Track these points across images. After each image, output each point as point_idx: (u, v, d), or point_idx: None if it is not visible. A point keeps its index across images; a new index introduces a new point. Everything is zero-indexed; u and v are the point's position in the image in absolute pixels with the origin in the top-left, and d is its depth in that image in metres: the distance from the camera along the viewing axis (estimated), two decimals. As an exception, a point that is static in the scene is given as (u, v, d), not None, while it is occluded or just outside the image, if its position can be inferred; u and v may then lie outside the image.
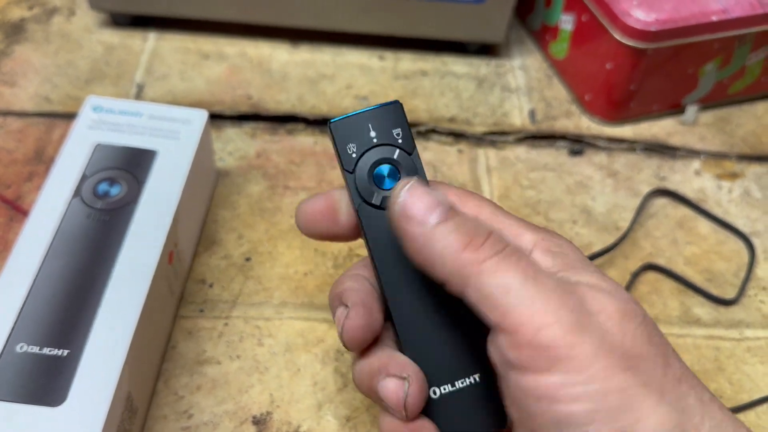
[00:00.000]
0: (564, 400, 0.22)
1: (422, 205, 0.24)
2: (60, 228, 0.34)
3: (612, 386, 0.22)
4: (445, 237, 0.24)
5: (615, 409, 0.22)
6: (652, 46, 0.46)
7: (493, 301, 0.23)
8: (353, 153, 0.27)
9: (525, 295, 0.23)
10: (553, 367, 0.22)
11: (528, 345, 0.22)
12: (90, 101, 0.40)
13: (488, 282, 0.23)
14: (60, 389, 0.29)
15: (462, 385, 0.26)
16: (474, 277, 0.23)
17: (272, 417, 0.35)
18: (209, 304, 0.39)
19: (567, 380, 0.22)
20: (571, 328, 0.22)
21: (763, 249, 0.44)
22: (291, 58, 0.53)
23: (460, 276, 0.24)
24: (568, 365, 0.22)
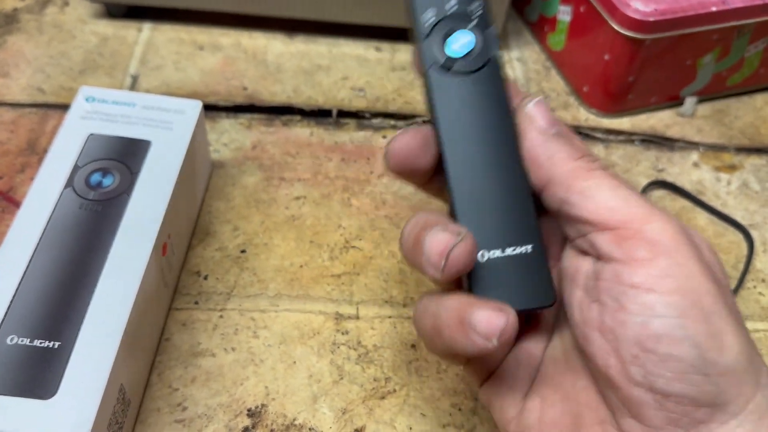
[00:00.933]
0: (662, 290, 0.22)
1: (548, 117, 0.26)
2: (52, 219, 0.34)
3: (705, 289, 0.23)
4: (562, 144, 0.25)
5: (707, 311, 0.22)
6: (650, 37, 0.45)
7: (601, 201, 0.24)
8: (430, 19, 0.27)
9: (633, 199, 0.24)
10: (655, 259, 0.23)
11: (635, 237, 0.23)
12: (83, 91, 0.39)
13: (598, 184, 0.24)
14: (51, 382, 0.29)
15: (512, 253, 0.26)
16: (584, 179, 0.24)
17: (267, 409, 0.34)
18: (204, 296, 0.38)
19: (667, 272, 0.23)
20: (674, 229, 0.23)
21: (761, 241, 0.44)
22: (286, 49, 0.52)
23: (570, 177, 0.25)
24: (669, 259, 0.23)
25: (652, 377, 0.22)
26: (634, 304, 0.23)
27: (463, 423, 0.35)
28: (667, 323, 0.22)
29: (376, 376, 0.36)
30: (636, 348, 0.23)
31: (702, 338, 0.22)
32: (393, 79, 0.51)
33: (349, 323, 0.38)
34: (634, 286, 0.23)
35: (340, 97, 0.49)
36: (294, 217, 0.42)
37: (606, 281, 0.24)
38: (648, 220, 0.23)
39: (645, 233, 0.23)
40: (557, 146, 0.25)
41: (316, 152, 0.46)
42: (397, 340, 0.37)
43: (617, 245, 0.23)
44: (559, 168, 0.25)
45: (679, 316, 0.22)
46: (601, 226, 0.24)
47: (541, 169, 0.25)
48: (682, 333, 0.22)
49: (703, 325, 0.22)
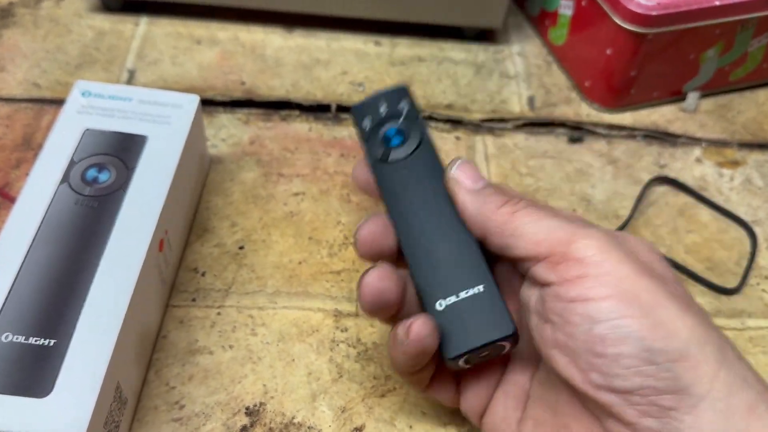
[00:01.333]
0: (597, 298, 0.24)
1: (471, 175, 0.30)
2: (47, 215, 0.33)
3: (641, 287, 0.24)
4: (488, 196, 0.29)
5: (646, 306, 0.24)
6: (653, 31, 0.45)
7: (528, 237, 0.27)
8: (367, 125, 0.33)
9: (555, 225, 0.27)
10: (586, 272, 0.25)
11: (563, 260, 0.26)
12: (79, 85, 0.39)
13: (522, 222, 0.27)
14: (46, 380, 0.28)
15: (466, 295, 0.28)
16: (510, 222, 0.27)
17: (265, 408, 0.34)
18: (201, 293, 0.38)
19: (599, 281, 0.25)
20: (600, 241, 0.26)
21: (765, 237, 0.44)
22: (285, 44, 0.52)
23: (500, 224, 0.28)
24: (599, 269, 0.25)
25: (610, 378, 0.24)
26: (576, 316, 0.25)
27: (463, 421, 0.34)
28: (608, 325, 0.24)
29: (376, 374, 0.36)
30: (588, 355, 0.25)
31: (645, 332, 0.24)
32: (392, 74, 0.51)
33: (348, 320, 0.37)
34: (572, 300, 0.25)
35: (339, 92, 0.49)
36: (293, 213, 0.42)
37: (550, 302, 0.26)
38: (571, 241, 0.26)
39: (572, 254, 0.26)
40: (483, 200, 0.29)
41: (315, 147, 0.45)
42: (397, 337, 0.37)
43: (552, 271, 0.26)
44: (488, 220, 0.28)
45: (618, 317, 0.24)
46: (535, 259, 0.27)
47: (475, 224, 0.29)
48: (623, 331, 0.24)
49: (643, 320, 0.24)
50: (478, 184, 0.29)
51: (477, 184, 0.29)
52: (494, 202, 0.28)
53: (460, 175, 0.30)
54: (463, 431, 0.34)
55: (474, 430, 0.34)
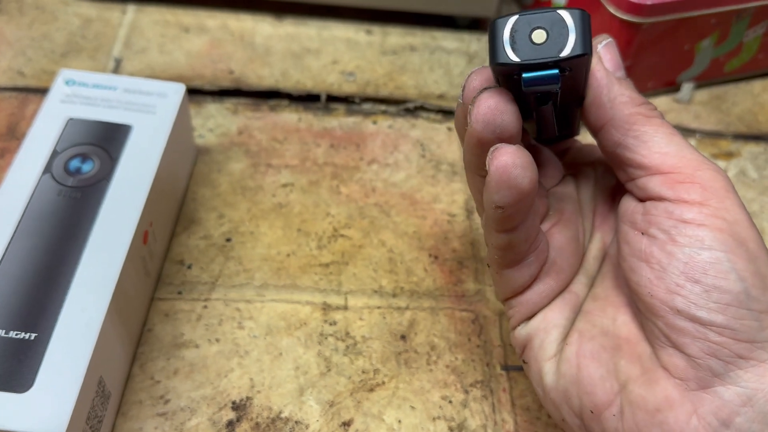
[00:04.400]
0: (712, 227, 0.24)
1: (614, 60, 0.27)
2: (29, 206, 0.32)
3: (751, 235, 0.24)
4: (624, 88, 0.26)
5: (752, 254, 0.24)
6: (647, 21, 0.44)
7: (657, 146, 0.25)
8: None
9: (687, 148, 0.25)
10: (706, 201, 0.24)
11: (687, 180, 0.25)
12: (63, 74, 0.38)
13: (655, 130, 0.25)
14: (27, 374, 0.28)
15: None
16: (642, 124, 0.26)
17: (252, 402, 0.33)
18: (187, 285, 0.37)
19: (717, 213, 0.24)
20: (724, 179, 0.25)
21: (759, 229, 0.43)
22: (275, 32, 0.51)
23: (629, 121, 0.26)
24: (719, 203, 0.24)
25: (695, 307, 0.23)
26: (684, 237, 0.24)
27: (453, 416, 0.34)
28: (716, 256, 0.23)
29: (365, 368, 0.35)
30: (682, 278, 0.24)
31: (748, 274, 0.23)
32: (384, 63, 0.50)
33: (337, 314, 0.37)
34: (686, 221, 0.24)
35: (330, 82, 0.48)
36: (281, 205, 0.41)
37: (656, 216, 0.25)
38: (700, 167, 0.25)
39: (697, 178, 0.24)
40: (620, 90, 0.26)
41: (305, 138, 0.45)
42: (386, 331, 0.37)
43: (669, 187, 0.25)
44: (619, 111, 0.26)
45: (728, 251, 0.23)
46: (653, 170, 0.25)
47: (601, 109, 0.26)
48: (729, 266, 0.23)
49: (749, 263, 0.23)
50: (618, 72, 0.27)
51: (618, 72, 0.27)
52: (630, 97, 0.26)
53: (604, 54, 0.27)
54: (453, 425, 0.34)
55: (465, 424, 0.34)
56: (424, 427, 0.33)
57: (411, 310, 0.37)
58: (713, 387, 0.23)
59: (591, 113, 0.27)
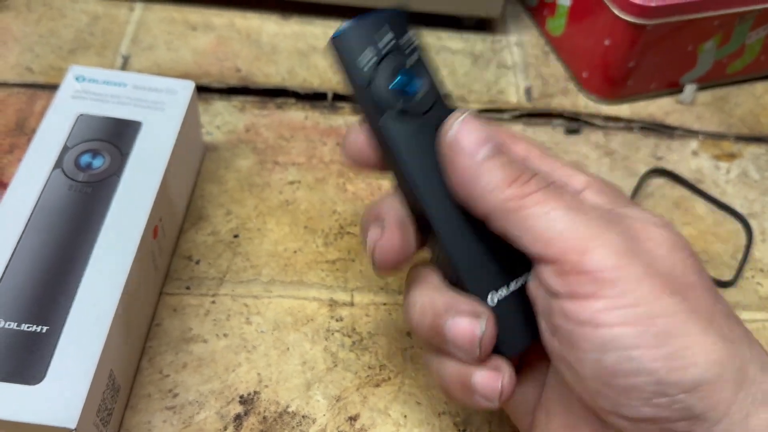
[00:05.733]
0: (609, 324, 0.22)
1: (474, 137, 0.24)
2: (40, 200, 0.33)
3: (659, 310, 0.22)
4: (492, 171, 0.24)
5: (662, 334, 0.21)
6: (651, 23, 0.45)
7: (537, 233, 0.23)
8: (366, 62, 0.24)
9: (569, 224, 0.23)
10: (599, 292, 0.22)
11: (573, 271, 0.22)
12: (73, 70, 0.38)
13: (532, 213, 0.23)
14: (39, 366, 0.28)
15: (515, 287, 0.25)
16: (517, 211, 0.23)
17: (260, 396, 0.34)
18: (196, 281, 0.38)
19: (613, 304, 0.22)
20: (618, 251, 0.22)
21: (760, 230, 0.44)
22: (281, 30, 0.51)
23: (503, 210, 0.24)
24: (614, 289, 0.22)
25: (618, 406, 0.22)
26: (585, 342, 0.22)
27: (458, 411, 0.34)
28: (619, 356, 0.22)
29: (371, 364, 0.35)
30: (597, 383, 0.23)
31: (658, 363, 0.21)
32: (389, 63, 0.50)
33: (343, 310, 0.37)
34: (582, 323, 0.22)
35: (336, 80, 0.48)
36: (288, 202, 0.41)
37: (558, 319, 0.23)
38: (585, 249, 0.22)
39: (585, 265, 0.22)
40: (489, 173, 0.24)
41: (311, 136, 0.45)
42: (392, 327, 0.37)
43: (561, 279, 0.23)
44: (493, 199, 0.24)
45: (630, 347, 0.22)
46: (543, 259, 0.23)
47: (477, 201, 0.24)
48: (635, 364, 0.22)
49: (657, 350, 0.21)
50: (480, 152, 0.24)
51: (480, 152, 0.24)
52: (501, 178, 0.24)
53: (462, 137, 0.24)
54: (458, 420, 0.34)
55: (470, 419, 0.34)
56: (429, 422, 0.34)
57: (416, 307, 0.38)
58: None
59: (470, 207, 0.25)
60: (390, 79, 0.25)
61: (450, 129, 0.25)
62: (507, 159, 0.24)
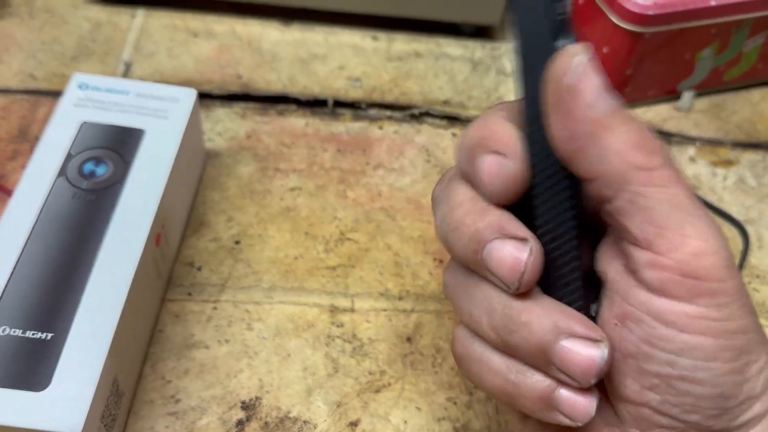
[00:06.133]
0: (695, 332, 0.21)
1: (598, 83, 0.20)
2: (44, 208, 0.33)
3: (741, 326, 0.21)
4: (618, 128, 0.20)
5: (738, 348, 0.21)
6: (649, 30, 0.45)
7: (653, 216, 0.20)
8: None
9: (690, 216, 0.21)
10: (695, 299, 0.21)
11: (677, 269, 0.20)
12: (76, 78, 0.39)
13: (656, 192, 0.20)
14: (44, 373, 0.28)
15: None
16: (637, 184, 0.20)
17: (261, 402, 0.34)
18: (197, 287, 0.38)
19: (706, 314, 0.21)
20: (725, 262, 0.21)
21: (757, 237, 0.44)
22: (282, 37, 0.51)
23: (621, 177, 0.20)
24: (712, 300, 0.21)
25: (667, 406, 0.22)
26: (663, 341, 0.21)
27: (458, 417, 0.35)
28: (695, 365, 0.21)
29: (371, 370, 0.36)
30: (656, 379, 0.22)
31: (725, 378, 0.21)
32: (389, 69, 0.51)
33: (344, 316, 0.38)
34: (666, 323, 0.21)
35: (336, 87, 0.49)
36: (289, 209, 0.42)
37: (636, 306, 0.22)
38: (701, 250, 0.20)
39: (692, 268, 0.20)
40: (615, 129, 0.20)
41: (312, 142, 0.45)
42: (392, 333, 0.37)
43: (655, 272, 0.21)
44: (614, 162, 0.20)
45: (707, 358, 0.21)
46: (643, 244, 0.21)
47: (588, 163, 0.21)
48: (704, 375, 0.21)
49: (728, 364, 0.21)
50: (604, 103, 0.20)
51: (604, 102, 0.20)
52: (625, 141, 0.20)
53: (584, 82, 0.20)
54: (458, 426, 0.34)
55: (470, 425, 0.34)
56: (429, 428, 0.34)
57: (417, 313, 0.38)
58: None
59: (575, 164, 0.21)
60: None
61: (570, 65, 0.21)
62: (631, 116, 0.21)
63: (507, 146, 0.22)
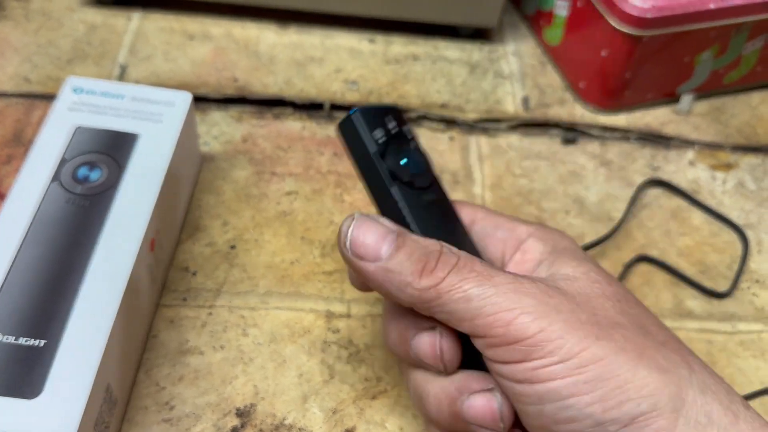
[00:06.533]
0: (543, 380, 0.23)
1: (372, 238, 0.25)
2: (38, 213, 0.33)
3: (588, 357, 0.23)
4: (400, 267, 0.25)
5: (593, 379, 0.23)
6: (648, 34, 0.45)
7: (459, 315, 0.24)
8: (379, 139, 0.28)
9: (486, 300, 0.24)
10: (529, 356, 0.23)
11: (502, 343, 0.24)
12: (70, 82, 0.38)
13: (449, 299, 0.24)
14: (36, 380, 0.28)
15: None
16: (436, 300, 0.25)
17: (256, 409, 0.34)
18: (192, 292, 0.38)
19: (542, 363, 0.23)
20: (537, 314, 0.24)
21: (756, 241, 0.44)
22: (279, 40, 0.51)
23: (423, 302, 0.25)
24: (542, 350, 0.23)
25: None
26: (524, 396, 0.24)
27: (454, 424, 0.34)
28: (557, 407, 0.23)
29: (368, 376, 0.35)
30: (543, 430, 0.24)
31: (595, 406, 0.23)
32: (386, 72, 0.50)
33: (340, 322, 0.37)
34: (519, 382, 0.24)
35: (333, 90, 0.49)
36: (285, 213, 0.42)
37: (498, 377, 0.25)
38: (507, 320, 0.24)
39: (510, 337, 0.24)
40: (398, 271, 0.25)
41: (308, 146, 0.45)
42: (388, 338, 0.37)
43: (492, 350, 0.24)
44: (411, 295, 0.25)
45: (566, 396, 0.23)
46: (472, 335, 0.25)
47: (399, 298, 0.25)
48: (572, 411, 0.23)
49: (592, 394, 0.23)
50: (382, 250, 0.25)
51: (382, 250, 0.25)
52: (409, 272, 0.25)
53: (359, 247, 0.25)
54: (454, 434, 0.34)
55: (465, 432, 0.34)
56: (426, 435, 0.34)
57: (413, 319, 0.38)
58: None
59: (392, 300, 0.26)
60: (399, 156, 0.28)
61: (346, 238, 0.26)
62: (409, 247, 0.25)
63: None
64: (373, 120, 0.28)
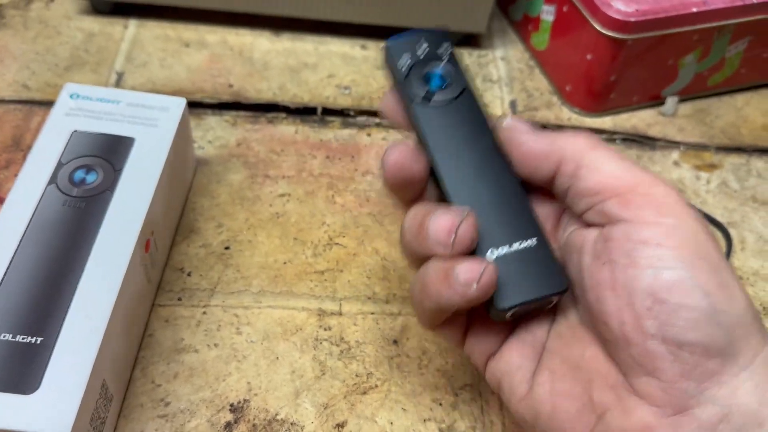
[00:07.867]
0: (671, 245, 0.24)
1: (527, 124, 0.28)
2: (35, 215, 0.34)
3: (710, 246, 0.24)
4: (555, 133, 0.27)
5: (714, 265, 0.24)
6: (632, 37, 0.46)
7: (608, 171, 0.26)
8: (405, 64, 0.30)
9: (635, 167, 0.26)
10: (663, 218, 0.24)
11: (641, 200, 0.25)
12: (67, 88, 0.39)
13: (603, 155, 0.26)
14: (33, 377, 0.29)
15: (519, 247, 0.27)
16: (591, 154, 0.26)
17: (249, 405, 0.35)
18: (187, 292, 0.38)
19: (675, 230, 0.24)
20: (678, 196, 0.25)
21: (740, 239, 0.45)
22: (273, 47, 0.52)
23: (576, 154, 0.27)
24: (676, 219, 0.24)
25: (666, 327, 0.23)
26: (645, 258, 0.24)
27: (443, 418, 0.35)
28: (678, 274, 0.23)
29: (358, 372, 0.36)
30: (649, 300, 0.24)
31: (712, 288, 0.23)
32: (378, 78, 0.51)
33: (331, 319, 0.38)
34: (644, 241, 0.24)
35: (326, 95, 0.50)
36: (278, 215, 0.42)
37: (616, 240, 0.25)
38: (652, 184, 0.25)
39: (651, 196, 0.25)
40: (553, 135, 0.27)
41: (301, 150, 0.46)
42: (379, 336, 0.38)
43: (626, 208, 0.25)
44: (568, 147, 0.27)
45: (689, 267, 0.23)
46: (609, 194, 0.26)
47: (548, 157, 0.27)
48: (692, 283, 0.23)
49: (712, 276, 0.23)
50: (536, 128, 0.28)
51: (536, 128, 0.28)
52: (567, 135, 0.27)
53: (517, 124, 0.28)
54: (443, 427, 0.35)
55: (455, 426, 0.35)
56: (415, 429, 0.35)
57: (403, 316, 0.39)
58: (690, 410, 0.23)
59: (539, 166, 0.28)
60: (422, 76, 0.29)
61: (505, 121, 0.29)
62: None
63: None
64: (400, 49, 0.30)
